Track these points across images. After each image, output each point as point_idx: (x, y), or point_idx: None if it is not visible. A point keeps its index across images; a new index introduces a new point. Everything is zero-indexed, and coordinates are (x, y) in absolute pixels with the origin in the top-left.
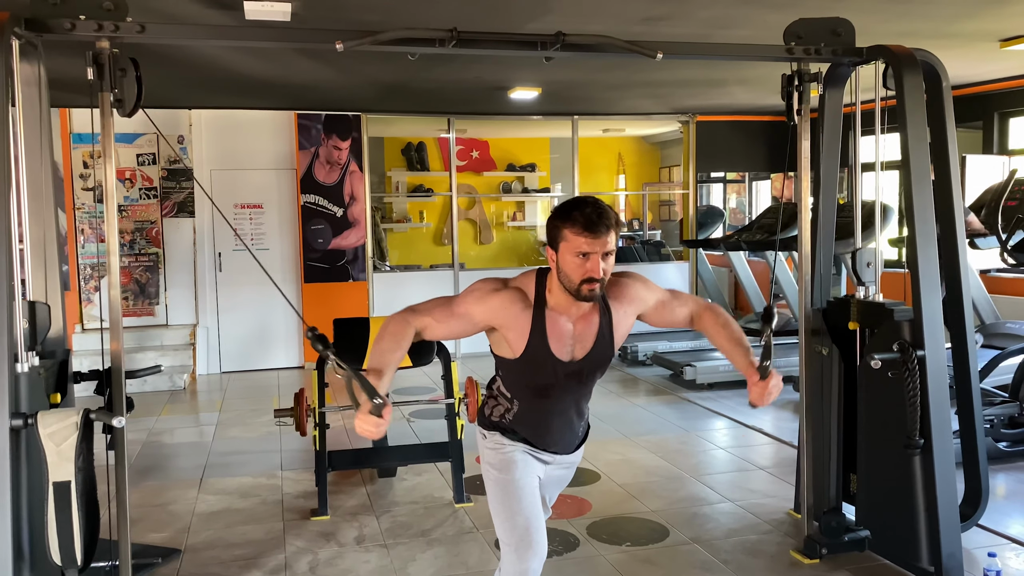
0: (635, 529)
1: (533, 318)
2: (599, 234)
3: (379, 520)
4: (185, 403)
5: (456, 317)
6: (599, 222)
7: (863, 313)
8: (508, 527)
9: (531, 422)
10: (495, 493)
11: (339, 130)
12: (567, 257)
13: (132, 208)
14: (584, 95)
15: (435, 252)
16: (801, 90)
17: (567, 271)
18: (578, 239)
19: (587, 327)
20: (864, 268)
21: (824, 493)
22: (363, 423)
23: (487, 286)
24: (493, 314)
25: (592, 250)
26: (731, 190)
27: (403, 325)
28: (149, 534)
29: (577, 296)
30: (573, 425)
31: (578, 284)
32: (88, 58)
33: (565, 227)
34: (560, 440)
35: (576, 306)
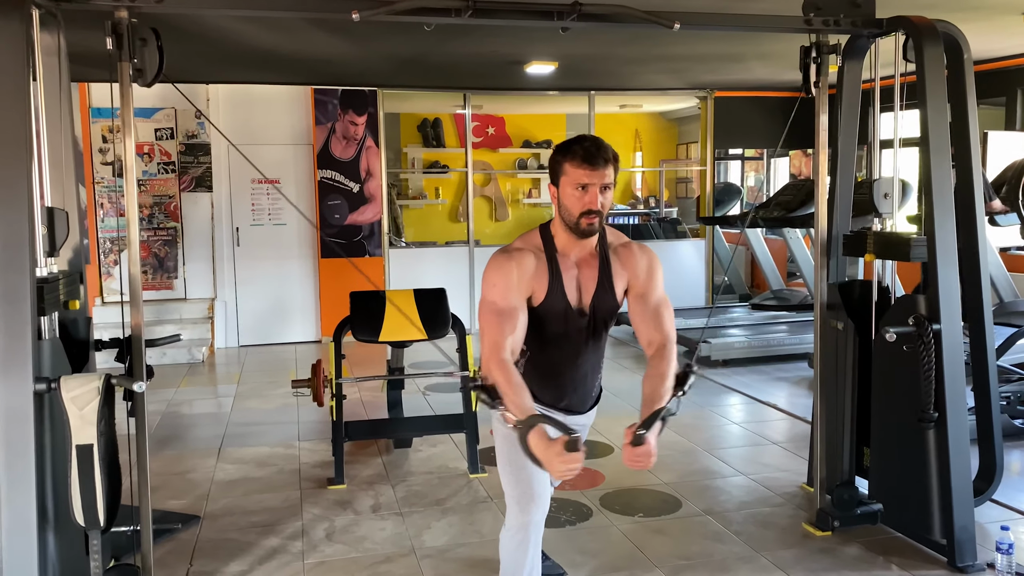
0: (648, 500)
1: (548, 263)
2: (597, 166)
3: (395, 489)
4: (203, 375)
5: (509, 309)
6: (597, 154)
7: (879, 244)
8: (513, 480)
9: (542, 373)
10: (503, 447)
11: (355, 105)
12: (567, 190)
13: (151, 183)
14: (601, 70)
15: (450, 229)
16: (819, 62)
17: (567, 204)
18: (577, 171)
19: (589, 272)
20: (882, 199)
21: (837, 466)
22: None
23: (497, 264)
24: (521, 277)
25: (591, 181)
26: (749, 167)
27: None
28: (169, 501)
29: (577, 230)
30: (585, 380)
31: (577, 217)
32: (107, 27)
33: (565, 161)
34: (571, 395)
35: (579, 246)
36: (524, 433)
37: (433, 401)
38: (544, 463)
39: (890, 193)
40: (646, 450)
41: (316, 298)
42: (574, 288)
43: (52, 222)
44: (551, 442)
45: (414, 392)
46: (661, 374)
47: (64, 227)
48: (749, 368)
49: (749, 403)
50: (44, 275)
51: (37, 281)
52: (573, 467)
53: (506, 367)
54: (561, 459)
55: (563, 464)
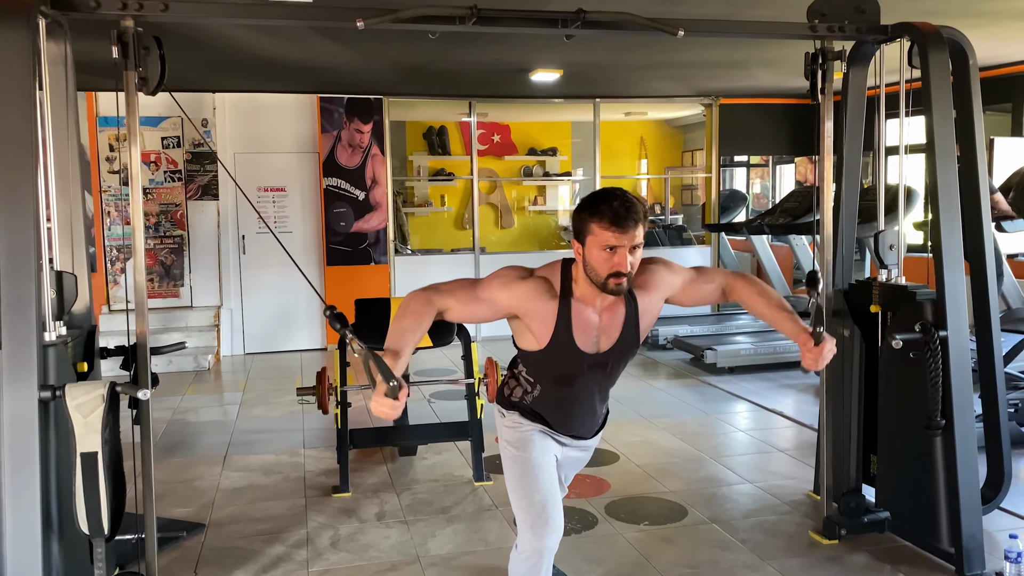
0: (653, 508)
1: (559, 309)
2: (627, 228)
3: (399, 497)
4: (209, 383)
5: (480, 301)
6: (627, 216)
7: (885, 296)
8: (525, 505)
9: (552, 408)
10: (512, 471)
11: (361, 113)
12: (594, 251)
13: (157, 191)
14: (606, 77)
15: (456, 236)
16: (824, 69)
17: (594, 265)
18: (605, 233)
19: (613, 318)
20: (887, 251)
21: (844, 474)
22: (379, 404)
23: (513, 273)
24: (518, 302)
25: (620, 244)
26: (754, 174)
27: (425, 304)
28: (174, 509)
29: (604, 289)
30: (595, 412)
31: (605, 278)
32: (113, 36)
33: (592, 220)
34: (580, 426)
35: (602, 298)
36: (364, 361)
37: (438, 408)
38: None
39: (895, 245)
40: (831, 346)
41: (322, 306)
42: (591, 335)
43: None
44: (381, 383)
45: (419, 400)
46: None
47: (73, 291)
48: (755, 375)
49: (755, 410)
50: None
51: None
52: (385, 411)
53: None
54: (379, 399)
55: (378, 404)
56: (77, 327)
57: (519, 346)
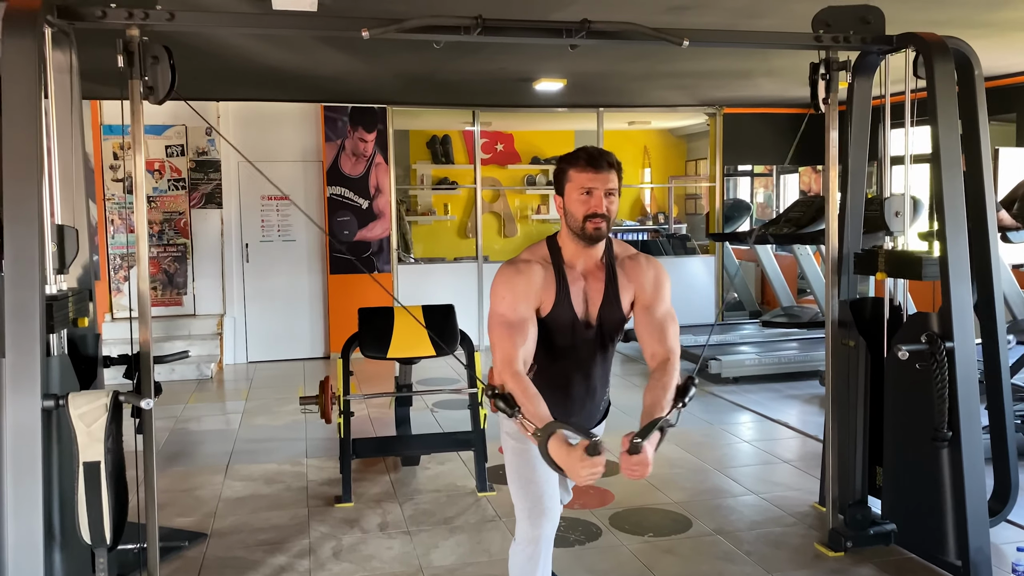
0: (658, 520)
1: (556, 275)
2: (601, 169)
3: (402, 507)
4: (212, 391)
5: (518, 321)
6: (600, 158)
7: (891, 263)
8: (522, 494)
9: (550, 387)
10: (512, 461)
11: (365, 122)
12: (572, 196)
13: (161, 199)
14: (609, 86)
15: (459, 245)
16: (829, 79)
17: (572, 210)
18: (581, 175)
19: (595, 283)
20: (893, 217)
21: (849, 486)
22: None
23: (505, 277)
24: (530, 289)
25: (595, 185)
26: (758, 184)
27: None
28: (176, 518)
29: (584, 235)
30: (593, 394)
31: (583, 220)
32: (119, 45)
33: (569, 167)
34: (580, 409)
35: (585, 255)
36: (544, 440)
37: (441, 418)
38: (567, 470)
39: (901, 211)
40: (642, 459)
41: (325, 314)
42: (581, 299)
43: (62, 239)
44: (571, 448)
45: (422, 409)
46: (663, 385)
47: (74, 244)
48: (760, 385)
49: (760, 421)
50: (54, 292)
51: (47, 298)
52: (596, 471)
53: (520, 378)
54: (583, 464)
55: (586, 468)
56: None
57: None
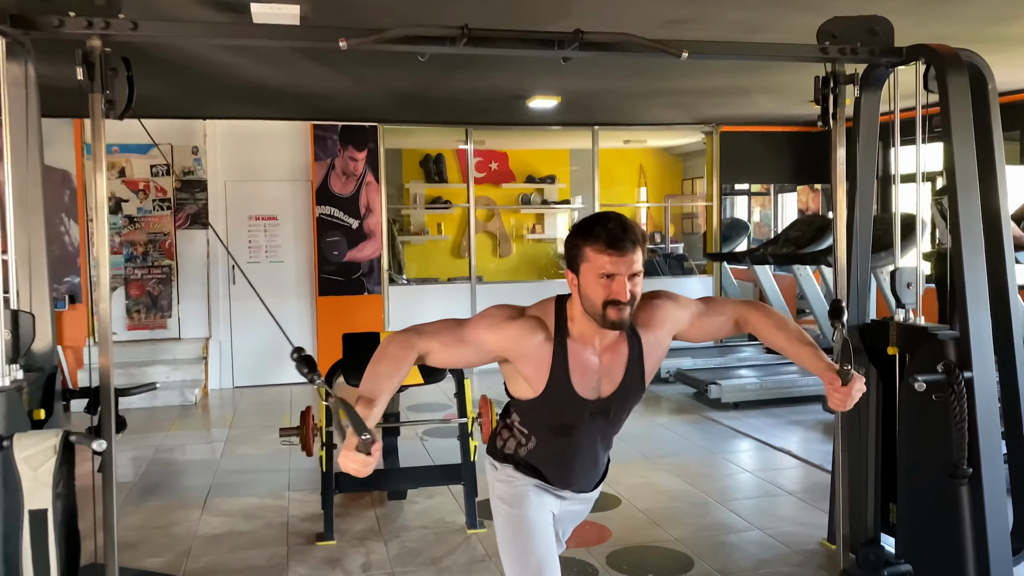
0: (658, 560)
1: (554, 351)
2: (624, 252)
3: (387, 546)
4: (196, 418)
5: (465, 344)
6: (624, 238)
7: (903, 337)
8: (518, 568)
9: (549, 461)
10: (505, 530)
11: (355, 141)
12: (589, 279)
13: (145, 219)
14: (604, 104)
15: (453, 265)
16: (836, 93)
17: (590, 295)
18: (601, 258)
19: (615, 359)
20: (904, 288)
21: (861, 523)
22: (348, 460)
23: (502, 313)
24: (508, 344)
25: (617, 271)
26: (755, 203)
27: (405, 348)
28: (147, 559)
29: (603, 323)
30: (596, 463)
31: (602, 309)
32: (77, 57)
33: (586, 245)
34: (581, 479)
35: (601, 335)
36: (334, 411)
37: (431, 447)
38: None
39: (913, 283)
40: (860, 386)
41: (314, 337)
42: (591, 379)
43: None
44: (352, 436)
45: (412, 438)
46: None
47: (30, 331)
48: (762, 411)
49: (762, 449)
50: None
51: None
52: (355, 467)
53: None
54: (348, 454)
55: (347, 460)
56: (37, 369)
57: (511, 394)
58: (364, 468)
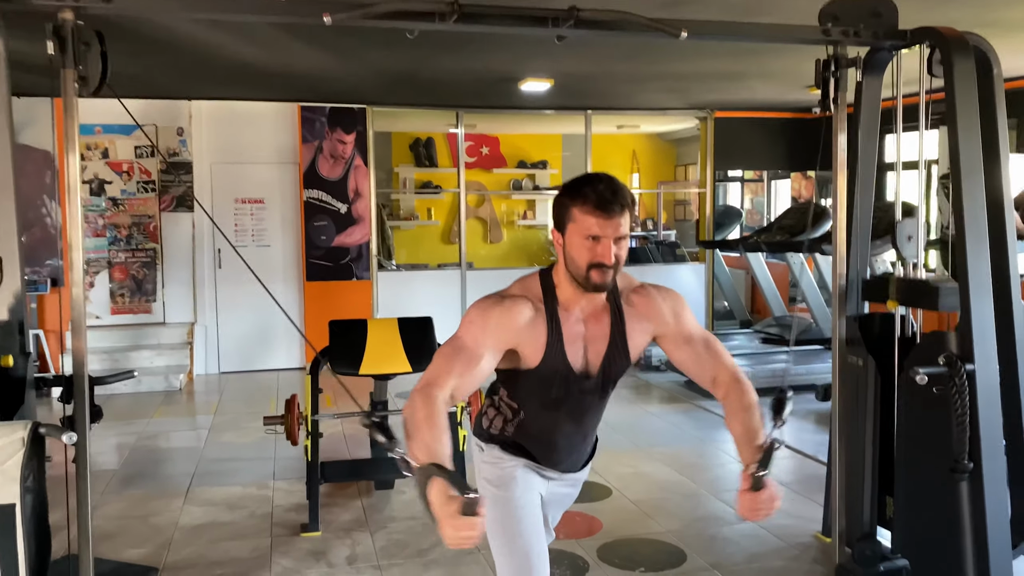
0: (650, 552)
1: (547, 321)
2: (612, 215)
3: (374, 537)
4: (180, 404)
5: (477, 359)
6: (613, 200)
7: (904, 291)
8: (506, 551)
9: (536, 438)
10: (492, 513)
11: (344, 123)
12: (575, 239)
13: (129, 202)
14: (598, 88)
15: (443, 251)
16: (838, 77)
17: (574, 256)
18: (588, 219)
19: (598, 328)
20: (905, 242)
21: (857, 517)
22: (456, 529)
23: (483, 305)
24: (509, 334)
25: (603, 233)
26: (746, 190)
27: (431, 404)
28: (127, 550)
29: (586, 285)
30: (585, 440)
31: (586, 270)
32: (48, 30)
33: (574, 205)
34: (567, 459)
35: (586, 299)
36: (423, 483)
37: None
38: (438, 524)
39: (914, 235)
40: (769, 495)
41: (301, 322)
42: (579, 349)
43: None
44: (450, 500)
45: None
46: (747, 406)
47: None
48: None
49: None
50: None
51: None
52: (465, 535)
53: (433, 405)
54: (452, 523)
55: (453, 529)
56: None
57: (501, 367)
58: (478, 532)
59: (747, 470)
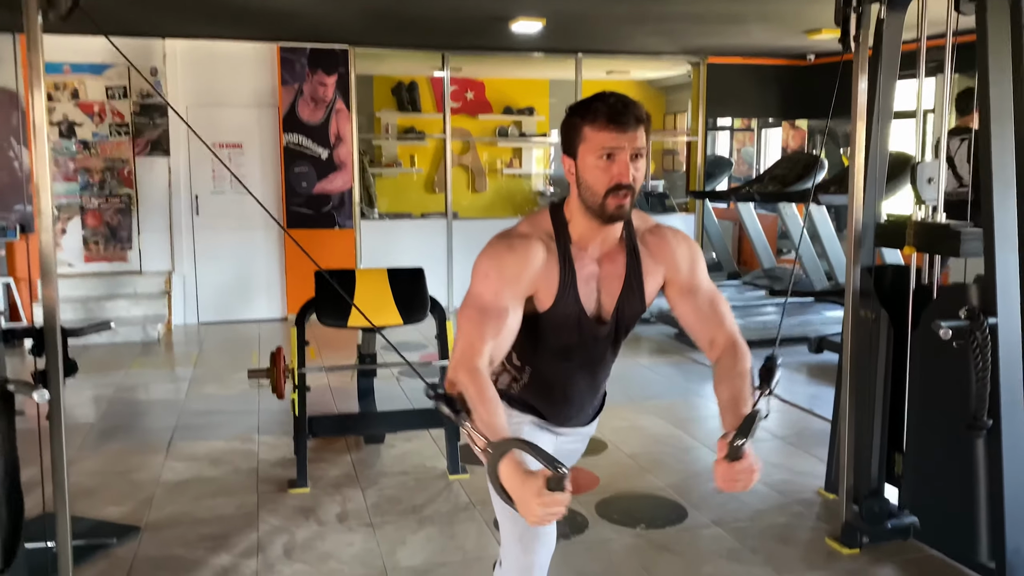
0: (649, 508)
1: (560, 259)
2: (627, 126)
3: (365, 494)
4: (158, 356)
5: (504, 312)
6: (626, 111)
7: (921, 235)
8: (511, 514)
9: (545, 392)
10: None
11: (325, 65)
12: (589, 160)
13: (102, 146)
14: (590, 30)
15: (427, 200)
16: (860, 12)
17: (589, 180)
18: (601, 135)
19: (612, 268)
20: (925, 184)
21: (865, 474)
22: (544, 505)
23: (494, 253)
24: (523, 277)
25: (619, 145)
26: (735, 140)
27: (478, 379)
28: (107, 507)
29: (603, 214)
30: (595, 393)
31: (604, 195)
32: None
33: (585, 124)
34: (579, 413)
35: (602, 235)
36: (495, 461)
37: (408, 387)
38: (519, 503)
39: (935, 178)
40: (748, 465)
41: (282, 272)
42: (592, 290)
43: None
44: (529, 476)
45: (388, 378)
46: (739, 373)
47: None
48: None
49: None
50: None
51: None
52: (554, 511)
53: (479, 377)
54: (540, 500)
55: (542, 507)
56: None
57: None
58: (564, 507)
59: (725, 438)
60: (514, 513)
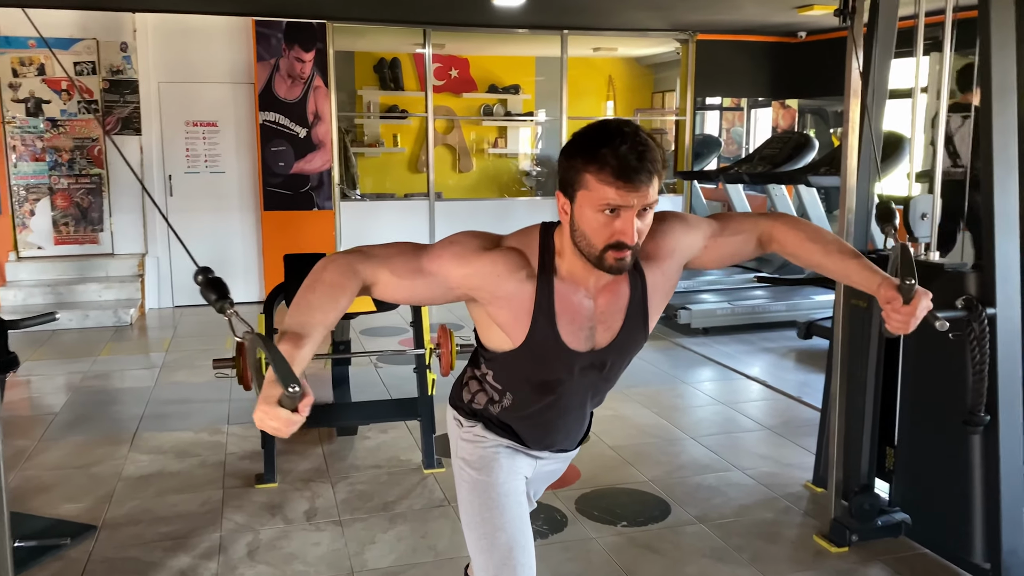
0: (631, 504)
1: (537, 293)
2: (637, 184)
3: (335, 489)
4: (130, 341)
5: (423, 276)
6: (640, 166)
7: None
8: (485, 546)
9: (528, 422)
10: (470, 500)
11: (302, 40)
12: (587, 212)
13: (70, 123)
14: (577, 4)
15: (410, 180)
16: None
17: (586, 231)
18: (605, 189)
19: (613, 302)
20: (918, 221)
21: (855, 469)
22: (267, 416)
23: (473, 242)
24: (478, 281)
25: (626, 203)
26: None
27: (347, 274)
28: (63, 504)
29: (598, 266)
30: (583, 421)
31: (601, 251)
32: None
33: (588, 170)
34: (563, 440)
35: (597, 276)
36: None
37: (385, 375)
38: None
39: (928, 214)
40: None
41: (259, 254)
42: (583, 327)
43: None
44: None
45: (365, 364)
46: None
47: None
48: (732, 337)
49: (733, 378)
50: None
51: None
52: (272, 426)
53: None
54: (268, 412)
55: (266, 417)
56: None
57: (483, 342)
58: (286, 428)
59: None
60: (489, 546)
